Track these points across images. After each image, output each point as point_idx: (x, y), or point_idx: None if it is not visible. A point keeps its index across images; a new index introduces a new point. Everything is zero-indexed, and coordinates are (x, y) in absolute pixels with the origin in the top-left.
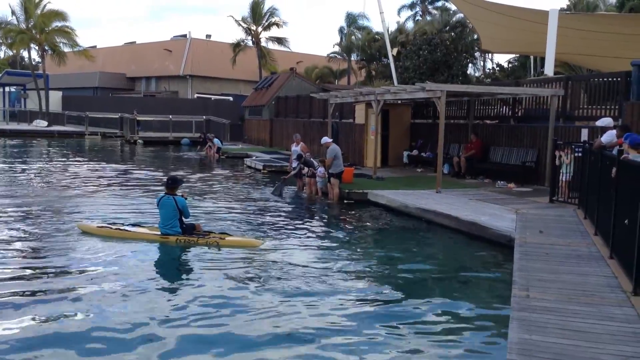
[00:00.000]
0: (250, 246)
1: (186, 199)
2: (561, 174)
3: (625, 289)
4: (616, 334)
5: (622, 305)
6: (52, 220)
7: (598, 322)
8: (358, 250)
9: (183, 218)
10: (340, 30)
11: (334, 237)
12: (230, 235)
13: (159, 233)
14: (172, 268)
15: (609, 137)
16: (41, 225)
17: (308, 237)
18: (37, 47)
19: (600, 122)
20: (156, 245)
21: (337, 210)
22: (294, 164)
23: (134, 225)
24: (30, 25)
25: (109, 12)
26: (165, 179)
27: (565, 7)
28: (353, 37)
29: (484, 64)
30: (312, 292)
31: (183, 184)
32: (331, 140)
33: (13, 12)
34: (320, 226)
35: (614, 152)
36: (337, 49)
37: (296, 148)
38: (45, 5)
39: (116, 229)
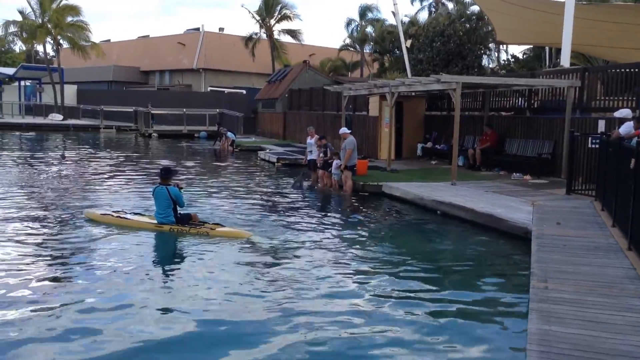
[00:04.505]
0: (240, 237)
1: (181, 188)
2: None
3: None
4: (636, 325)
5: None
6: (63, 207)
7: (617, 313)
8: (373, 241)
9: (178, 207)
10: (349, 22)
11: (349, 229)
12: (222, 226)
13: (156, 222)
14: (163, 256)
15: (627, 128)
16: (52, 211)
17: (322, 228)
18: (52, 41)
19: (618, 113)
20: (150, 234)
21: (352, 202)
22: (310, 157)
23: (135, 214)
24: (45, 20)
25: (122, 6)
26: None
27: None
28: (367, 29)
29: (498, 55)
30: (324, 282)
31: (177, 174)
32: (349, 131)
33: (30, 6)
34: (335, 218)
35: (633, 143)
36: (349, 41)
37: (311, 140)
38: (60, 0)
39: (117, 216)
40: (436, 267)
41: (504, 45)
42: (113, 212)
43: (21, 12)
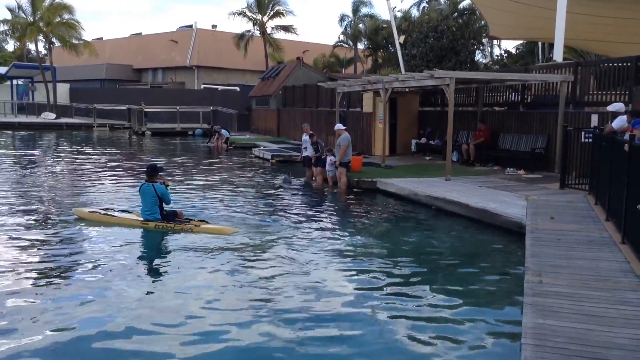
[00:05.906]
0: (224, 233)
1: (167, 186)
2: None
3: (638, 274)
4: (631, 318)
5: (635, 289)
6: (51, 205)
7: (612, 306)
8: (368, 237)
9: (164, 205)
10: (342, 18)
11: (343, 226)
12: (207, 222)
13: (142, 219)
14: (148, 253)
15: (620, 122)
16: (41, 208)
17: (316, 225)
18: (44, 40)
19: (611, 107)
20: (136, 231)
21: (347, 199)
22: (305, 153)
23: (122, 211)
24: (37, 18)
25: (115, 4)
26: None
27: None
28: (360, 25)
29: (491, 50)
30: (314, 278)
31: (163, 171)
32: (344, 127)
33: (19, 6)
34: (329, 215)
35: (626, 137)
36: (342, 37)
37: (306, 137)
38: None
39: (104, 214)
40: (430, 263)
41: (497, 41)
42: (101, 209)
43: (11, 10)
